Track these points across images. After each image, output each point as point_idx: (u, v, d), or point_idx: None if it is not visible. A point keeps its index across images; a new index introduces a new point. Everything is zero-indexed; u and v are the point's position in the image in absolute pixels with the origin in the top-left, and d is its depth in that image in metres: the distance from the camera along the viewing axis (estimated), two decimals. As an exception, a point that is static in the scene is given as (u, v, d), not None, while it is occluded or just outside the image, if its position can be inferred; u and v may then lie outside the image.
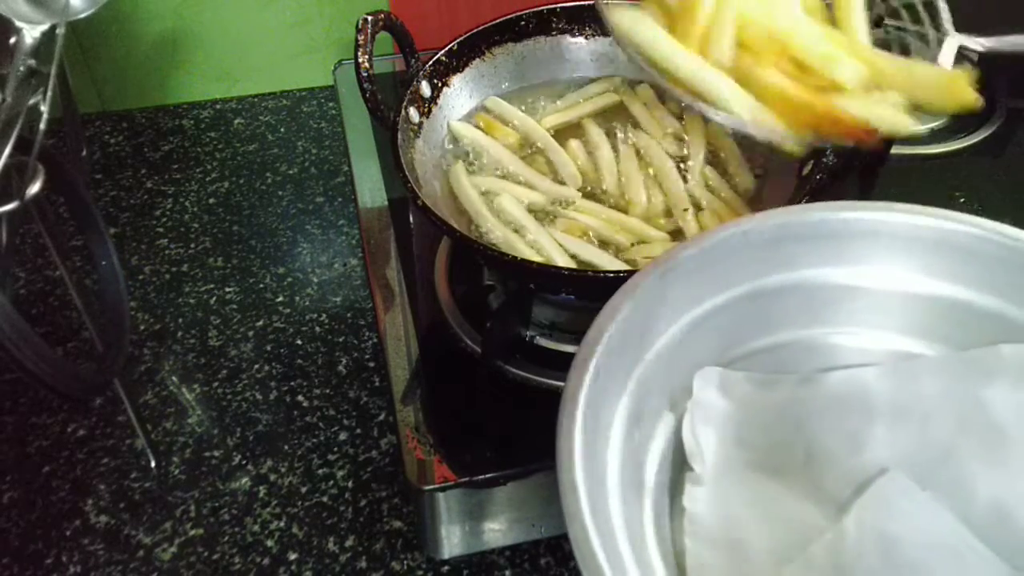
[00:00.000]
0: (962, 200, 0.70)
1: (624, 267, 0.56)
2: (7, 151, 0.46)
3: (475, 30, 0.66)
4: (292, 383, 0.68)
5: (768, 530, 0.40)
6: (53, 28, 0.54)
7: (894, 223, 0.43)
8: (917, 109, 0.47)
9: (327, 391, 0.67)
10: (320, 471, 0.62)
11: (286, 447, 0.64)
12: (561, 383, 0.56)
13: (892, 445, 0.41)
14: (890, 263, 0.44)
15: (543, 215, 0.60)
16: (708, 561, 0.39)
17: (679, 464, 0.42)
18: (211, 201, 0.83)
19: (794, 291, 0.44)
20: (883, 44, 0.78)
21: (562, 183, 0.62)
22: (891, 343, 0.45)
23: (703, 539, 0.39)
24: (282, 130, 0.91)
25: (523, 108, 0.67)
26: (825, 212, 0.43)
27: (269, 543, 0.59)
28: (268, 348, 0.70)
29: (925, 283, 0.44)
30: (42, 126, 0.50)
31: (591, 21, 0.68)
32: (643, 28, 0.45)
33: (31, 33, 0.53)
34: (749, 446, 0.42)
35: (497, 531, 0.56)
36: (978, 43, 0.56)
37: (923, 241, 0.43)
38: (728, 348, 0.44)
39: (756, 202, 0.60)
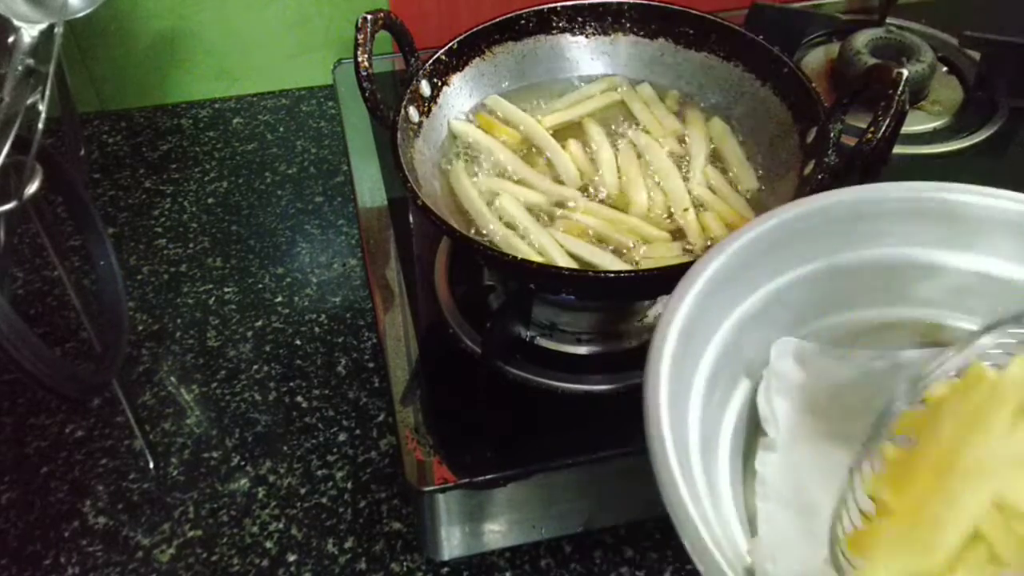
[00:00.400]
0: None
1: (625, 267, 0.56)
2: (5, 151, 0.46)
3: (475, 29, 0.65)
4: (291, 384, 0.68)
5: (837, 497, 0.40)
6: (51, 27, 0.53)
7: (979, 204, 0.44)
8: None
9: (326, 392, 0.67)
10: (319, 472, 0.62)
11: (285, 448, 0.64)
12: (561, 384, 0.56)
13: None
14: (972, 245, 0.44)
15: (543, 215, 0.60)
16: (778, 523, 0.40)
17: (752, 429, 0.44)
18: (210, 201, 0.83)
19: (873, 268, 0.45)
20: (884, 45, 0.78)
21: (562, 183, 0.62)
22: (968, 324, 0.45)
23: (774, 502, 0.40)
24: (281, 130, 0.90)
25: (523, 107, 0.67)
26: (906, 191, 0.44)
27: (268, 544, 0.59)
28: (267, 349, 0.70)
29: (1005, 266, 0.44)
30: (40, 125, 0.50)
31: (591, 20, 0.68)
32: None
33: (29, 32, 0.53)
34: (822, 416, 0.43)
35: (497, 532, 0.56)
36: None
37: (1008, 224, 0.44)
38: (805, 320, 0.46)
39: (758, 202, 0.60)
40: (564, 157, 0.63)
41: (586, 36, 0.68)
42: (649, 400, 0.36)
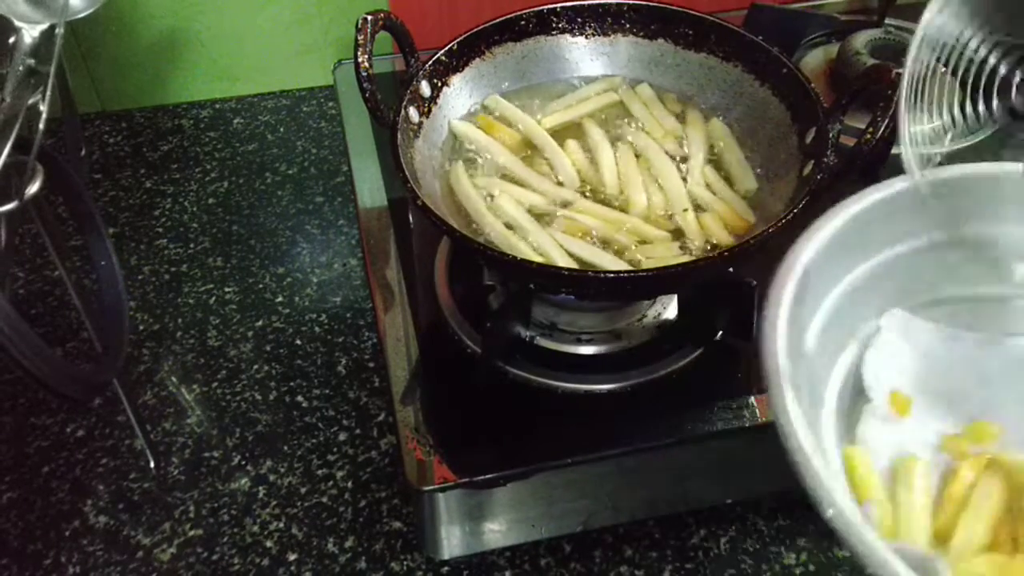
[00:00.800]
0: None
1: (625, 267, 0.56)
2: (6, 151, 0.46)
3: (475, 29, 0.65)
4: (291, 383, 0.68)
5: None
6: (52, 28, 0.53)
7: None
8: None
9: (327, 391, 0.67)
10: (319, 472, 0.62)
11: (285, 448, 0.64)
12: (561, 383, 0.56)
13: None
14: None
15: (543, 216, 0.60)
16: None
17: (855, 394, 0.44)
18: (210, 201, 0.83)
19: (993, 246, 0.45)
20: (883, 46, 0.78)
21: (561, 184, 0.62)
22: None
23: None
24: (281, 130, 0.91)
25: (523, 108, 0.67)
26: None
27: (268, 544, 0.59)
28: (267, 348, 0.70)
29: None
30: (41, 126, 0.50)
31: (591, 21, 0.68)
32: None
33: (30, 33, 0.53)
34: (927, 392, 0.44)
35: (497, 532, 0.56)
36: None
37: None
38: (918, 292, 0.46)
39: (757, 202, 0.60)
40: (563, 158, 0.63)
41: (586, 37, 0.68)
42: (767, 349, 0.36)
